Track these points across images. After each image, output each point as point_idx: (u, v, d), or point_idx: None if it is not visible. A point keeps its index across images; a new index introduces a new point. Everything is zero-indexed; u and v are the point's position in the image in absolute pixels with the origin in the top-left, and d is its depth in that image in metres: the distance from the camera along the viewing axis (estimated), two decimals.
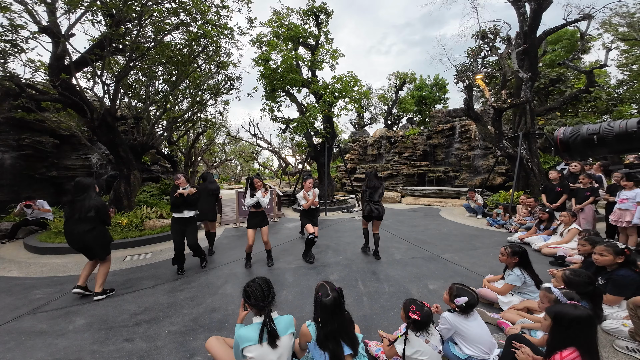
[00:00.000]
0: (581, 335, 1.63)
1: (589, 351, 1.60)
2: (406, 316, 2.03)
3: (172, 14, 6.71)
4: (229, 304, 3.24)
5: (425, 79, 26.92)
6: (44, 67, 6.51)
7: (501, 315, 2.73)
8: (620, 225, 4.53)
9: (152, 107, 9.58)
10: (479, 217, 8.52)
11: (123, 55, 7.50)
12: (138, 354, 2.37)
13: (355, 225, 7.79)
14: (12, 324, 2.88)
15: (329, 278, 3.95)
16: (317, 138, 12.25)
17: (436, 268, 4.28)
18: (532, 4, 8.24)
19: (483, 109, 15.15)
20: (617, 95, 13.89)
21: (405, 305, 2.07)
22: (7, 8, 5.58)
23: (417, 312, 1.96)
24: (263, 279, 2.02)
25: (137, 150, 8.33)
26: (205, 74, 9.46)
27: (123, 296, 3.50)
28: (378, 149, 18.84)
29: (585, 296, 2.28)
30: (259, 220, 4.50)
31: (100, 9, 5.86)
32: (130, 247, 5.71)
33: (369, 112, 27.99)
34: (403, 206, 12.27)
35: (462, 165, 14.92)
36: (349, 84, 11.22)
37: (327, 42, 12.00)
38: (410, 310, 2.00)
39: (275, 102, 11.61)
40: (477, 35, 12.30)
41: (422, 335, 1.97)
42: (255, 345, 1.78)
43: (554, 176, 6.04)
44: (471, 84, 12.41)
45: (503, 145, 9.07)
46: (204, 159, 21.94)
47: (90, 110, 6.50)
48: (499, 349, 2.11)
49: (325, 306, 1.86)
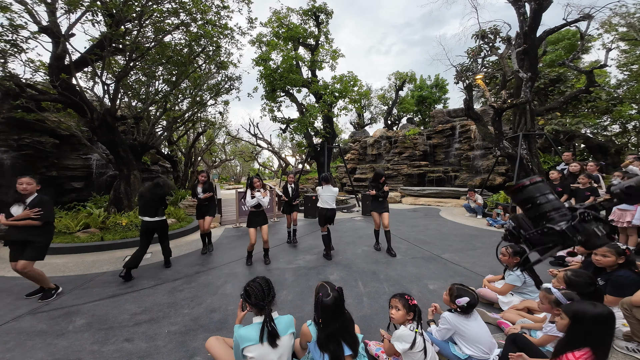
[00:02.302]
0: (601, 334, 1.55)
1: (603, 352, 1.52)
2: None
3: (172, 14, 6.71)
4: (229, 304, 3.24)
5: (426, 79, 26.93)
6: (44, 67, 6.51)
7: (501, 315, 2.73)
8: (621, 225, 4.53)
9: (152, 107, 9.59)
10: (479, 217, 8.52)
11: (123, 55, 7.50)
12: (138, 354, 2.37)
13: (355, 226, 7.79)
14: (12, 324, 2.87)
15: (328, 278, 3.95)
16: (317, 138, 12.25)
17: (436, 268, 4.28)
18: (532, 4, 8.24)
19: (483, 109, 15.16)
20: (617, 95, 13.87)
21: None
22: (7, 8, 5.59)
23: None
24: (263, 279, 2.02)
25: (137, 150, 8.33)
26: (205, 74, 9.46)
27: (123, 296, 3.50)
28: (378, 149, 18.84)
29: (586, 297, 2.27)
30: (261, 219, 4.58)
31: (100, 9, 5.86)
32: (130, 247, 5.71)
33: (369, 112, 28.02)
34: (403, 206, 12.27)
35: (462, 165, 14.92)
36: (349, 84, 11.23)
37: (327, 42, 12.01)
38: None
39: (275, 102, 11.62)
40: (477, 35, 12.30)
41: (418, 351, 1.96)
42: (255, 345, 1.78)
43: (554, 176, 6.04)
44: (471, 84, 12.41)
45: (503, 145, 9.07)
46: (204, 159, 21.94)
47: (90, 110, 6.50)
48: (499, 349, 2.11)
49: (326, 306, 1.86)
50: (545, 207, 1.02)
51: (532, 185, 1.06)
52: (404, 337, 1.91)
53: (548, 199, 1.03)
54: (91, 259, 5.07)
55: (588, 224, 0.94)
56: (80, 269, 4.54)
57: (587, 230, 0.94)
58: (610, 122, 15.26)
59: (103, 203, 8.16)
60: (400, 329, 1.97)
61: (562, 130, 12.33)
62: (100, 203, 8.24)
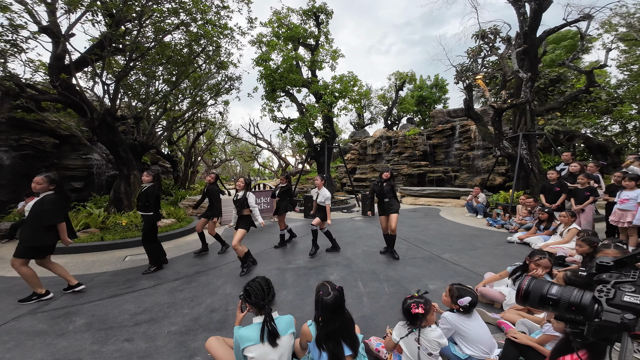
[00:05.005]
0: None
1: (599, 354, 1.55)
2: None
3: (172, 14, 6.71)
4: (229, 304, 3.24)
5: (425, 79, 26.93)
6: (44, 67, 6.51)
7: (501, 315, 2.73)
8: (621, 225, 4.52)
9: (152, 107, 9.59)
10: (479, 216, 8.52)
11: (123, 55, 7.50)
12: (138, 354, 2.37)
13: (355, 226, 7.79)
14: (12, 324, 2.87)
15: (328, 278, 3.95)
16: (317, 138, 12.25)
17: (436, 268, 4.28)
18: (532, 4, 8.25)
19: (483, 109, 15.15)
20: (617, 95, 13.88)
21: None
22: (7, 8, 5.58)
23: (421, 305, 1.95)
24: (263, 278, 2.03)
25: (137, 150, 8.32)
26: (205, 74, 9.46)
27: (123, 296, 3.50)
28: (378, 149, 18.84)
29: None
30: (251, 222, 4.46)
31: (100, 9, 5.86)
32: (130, 247, 5.71)
33: (369, 112, 28.01)
34: (403, 206, 12.26)
35: (462, 165, 14.92)
36: (349, 84, 11.23)
37: (327, 42, 12.01)
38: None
39: (275, 102, 11.61)
40: (477, 35, 12.30)
41: (414, 334, 1.97)
42: (256, 345, 1.78)
43: (552, 176, 6.05)
44: (471, 84, 12.40)
45: (503, 145, 9.06)
46: (204, 159, 21.94)
47: (90, 110, 6.50)
48: (499, 349, 2.11)
49: (326, 305, 1.86)
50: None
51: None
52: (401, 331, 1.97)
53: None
54: (91, 259, 5.07)
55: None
56: (80, 269, 4.54)
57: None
58: (610, 122, 15.28)
59: (103, 203, 8.16)
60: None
61: (562, 130, 12.34)
62: (100, 203, 8.24)
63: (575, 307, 0.94)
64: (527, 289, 1.05)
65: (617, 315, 0.85)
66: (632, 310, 0.84)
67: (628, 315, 0.84)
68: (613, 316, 0.86)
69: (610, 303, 0.88)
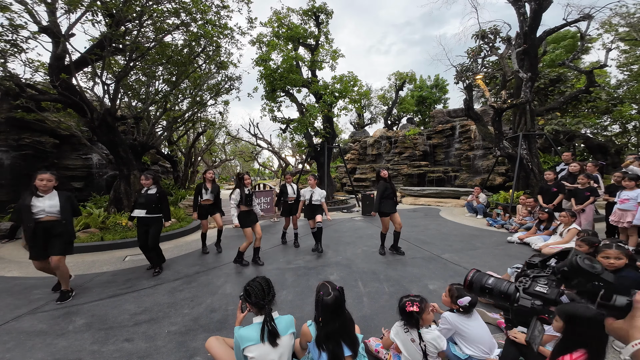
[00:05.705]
0: (596, 336, 1.53)
1: (599, 353, 1.51)
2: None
3: (172, 14, 6.71)
4: (229, 304, 3.24)
5: (426, 79, 26.95)
6: (44, 67, 6.51)
7: (501, 315, 2.73)
8: (621, 225, 4.52)
9: (152, 107, 9.58)
10: (479, 217, 8.51)
11: (123, 55, 7.49)
12: (138, 354, 2.37)
13: (355, 226, 7.79)
14: (12, 324, 2.87)
15: (328, 278, 3.95)
16: (317, 138, 12.25)
17: (436, 268, 4.28)
18: (532, 4, 8.25)
19: (483, 109, 15.16)
20: (617, 95, 13.89)
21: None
22: (7, 8, 5.58)
23: (416, 303, 1.97)
24: (263, 278, 2.03)
25: (137, 150, 8.32)
26: (205, 74, 9.46)
27: (123, 296, 3.50)
28: (378, 149, 18.84)
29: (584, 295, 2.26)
30: (253, 218, 4.56)
31: (100, 9, 5.86)
32: (130, 247, 5.71)
33: (369, 112, 28.01)
34: (403, 206, 12.26)
35: (462, 165, 14.92)
36: (349, 84, 11.23)
37: (327, 42, 12.01)
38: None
39: (275, 102, 11.61)
40: (477, 35, 12.30)
41: (410, 334, 1.97)
42: (256, 345, 1.78)
43: (549, 177, 6.06)
44: (471, 84, 12.40)
45: (503, 146, 9.06)
46: (204, 159, 21.93)
47: (90, 110, 6.50)
48: (499, 349, 2.11)
49: (327, 305, 1.86)
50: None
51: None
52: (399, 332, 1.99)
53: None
54: (91, 259, 5.08)
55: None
56: (80, 269, 4.54)
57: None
58: (610, 122, 15.28)
59: (103, 203, 8.16)
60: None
61: (562, 130, 12.34)
62: (100, 203, 8.24)
63: (504, 294, 1.17)
64: (471, 280, 1.28)
65: (528, 301, 1.09)
66: (540, 298, 1.08)
67: (537, 302, 1.07)
68: (525, 302, 1.10)
69: (525, 291, 1.11)
